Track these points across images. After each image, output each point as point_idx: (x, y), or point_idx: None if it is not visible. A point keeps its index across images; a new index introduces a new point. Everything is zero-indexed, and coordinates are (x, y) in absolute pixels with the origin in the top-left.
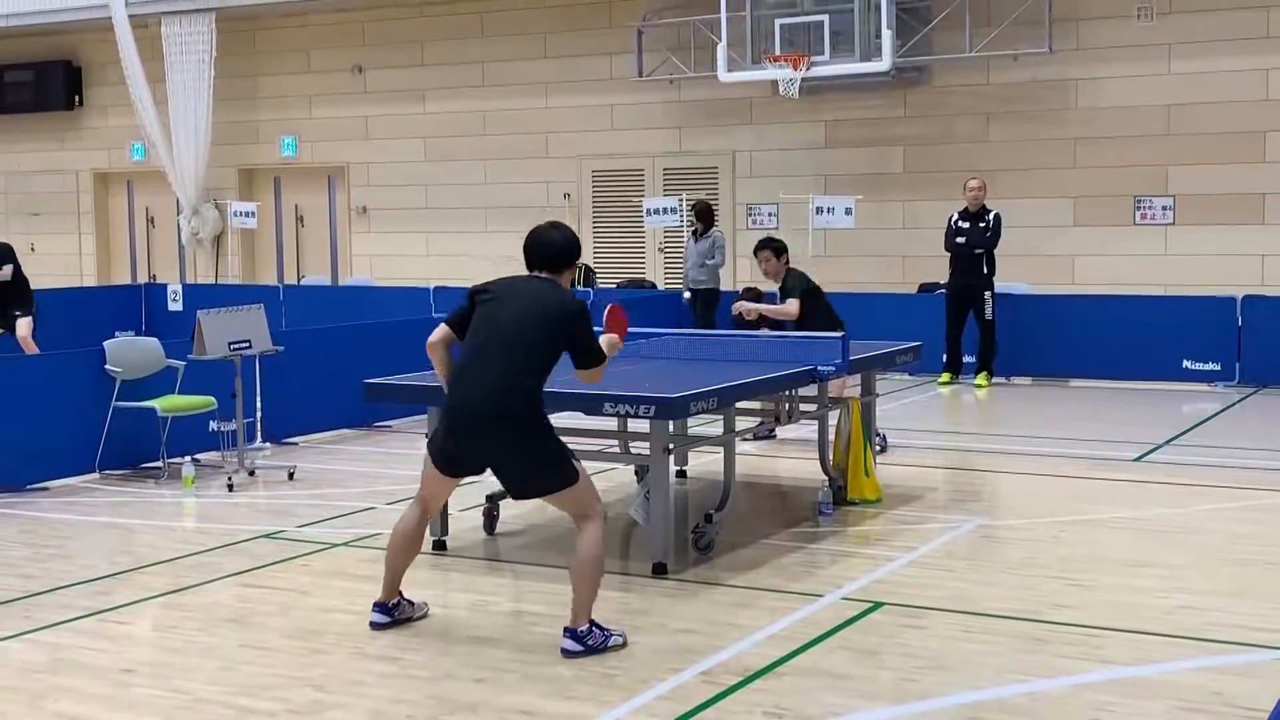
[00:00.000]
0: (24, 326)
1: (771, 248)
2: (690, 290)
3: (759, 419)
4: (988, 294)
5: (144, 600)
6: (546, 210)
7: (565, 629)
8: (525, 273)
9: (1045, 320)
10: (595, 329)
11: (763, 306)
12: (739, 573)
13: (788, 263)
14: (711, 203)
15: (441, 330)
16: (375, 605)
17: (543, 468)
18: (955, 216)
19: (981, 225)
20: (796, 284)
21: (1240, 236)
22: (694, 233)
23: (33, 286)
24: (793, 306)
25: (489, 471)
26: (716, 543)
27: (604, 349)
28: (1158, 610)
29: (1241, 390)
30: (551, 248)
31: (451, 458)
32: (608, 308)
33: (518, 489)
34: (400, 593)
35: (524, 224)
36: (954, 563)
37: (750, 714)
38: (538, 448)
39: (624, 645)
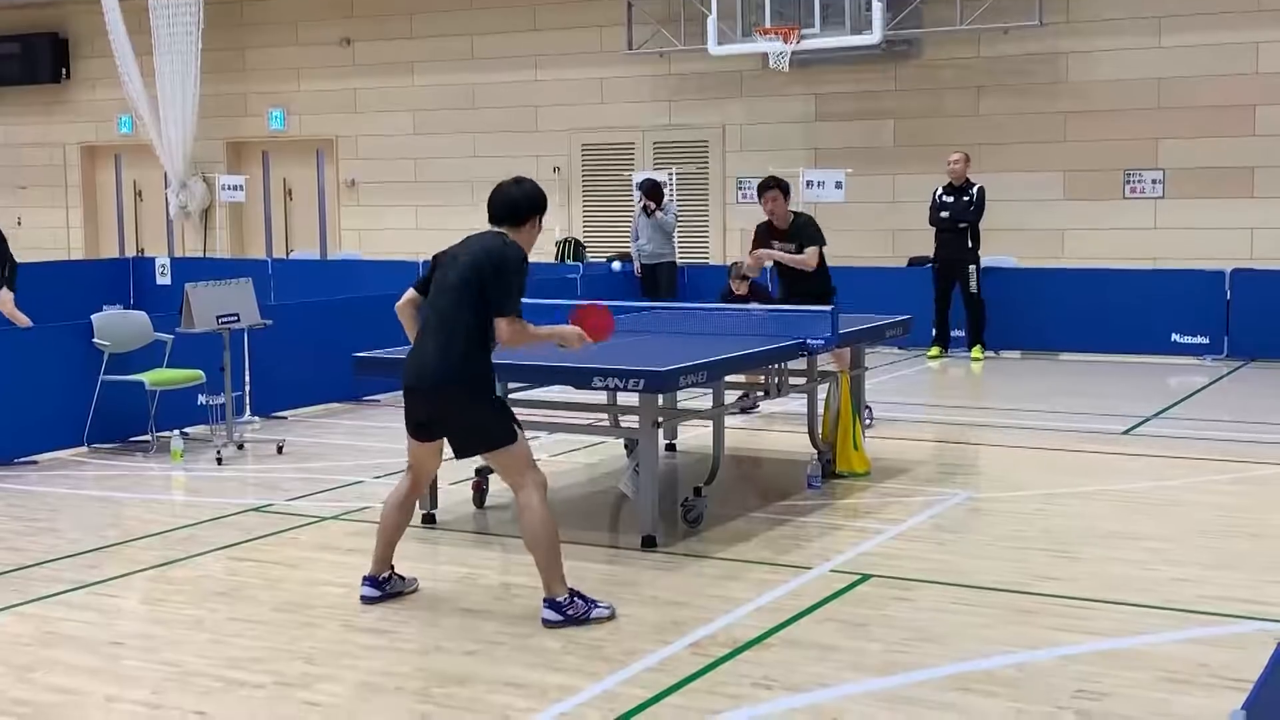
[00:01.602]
0: (8, 300)
1: (780, 187)
2: (644, 265)
3: (742, 392)
4: (972, 267)
5: (133, 573)
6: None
7: (544, 599)
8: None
9: (1034, 294)
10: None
11: (781, 254)
12: (728, 545)
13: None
14: (702, 176)
15: (408, 294)
16: (366, 579)
17: (478, 424)
18: (939, 191)
19: (965, 199)
20: (816, 232)
21: (1229, 210)
22: (644, 209)
23: (21, 260)
24: (812, 257)
25: None
26: (705, 516)
27: (544, 330)
28: (1145, 582)
29: (1230, 363)
30: (508, 199)
31: (413, 420)
32: (587, 305)
33: (456, 446)
34: (392, 567)
35: None
36: (942, 535)
37: (739, 685)
38: (474, 403)
39: (612, 617)
